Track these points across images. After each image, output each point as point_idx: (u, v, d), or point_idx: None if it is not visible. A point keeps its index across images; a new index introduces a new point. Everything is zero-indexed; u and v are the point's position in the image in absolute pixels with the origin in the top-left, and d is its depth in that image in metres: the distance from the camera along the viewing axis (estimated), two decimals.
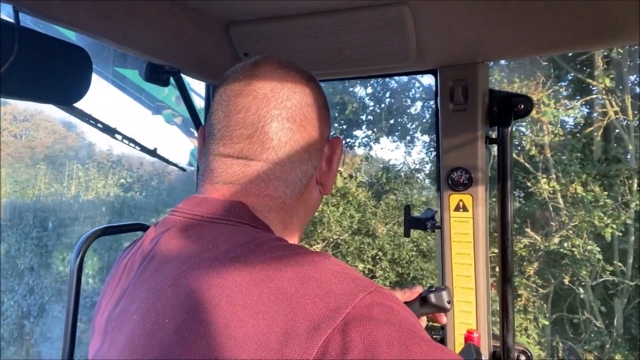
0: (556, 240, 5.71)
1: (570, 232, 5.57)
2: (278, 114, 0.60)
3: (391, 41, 1.06)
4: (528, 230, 5.93)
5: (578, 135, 5.84)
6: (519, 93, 1.20)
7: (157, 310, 0.47)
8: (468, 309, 1.22)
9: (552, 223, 5.82)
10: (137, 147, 1.54)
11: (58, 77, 0.91)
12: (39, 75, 0.86)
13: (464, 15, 0.99)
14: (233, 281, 0.46)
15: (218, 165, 0.61)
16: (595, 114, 5.68)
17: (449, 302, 0.97)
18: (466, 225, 1.22)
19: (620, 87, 5.78)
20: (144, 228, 1.24)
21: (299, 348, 0.40)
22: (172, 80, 1.17)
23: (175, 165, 2.05)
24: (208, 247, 0.51)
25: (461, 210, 1.22)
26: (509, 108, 1.17)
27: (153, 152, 1.64)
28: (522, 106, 1.17)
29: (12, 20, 0.71)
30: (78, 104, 1.02)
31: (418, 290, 0.99)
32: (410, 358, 0.41)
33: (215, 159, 0.62)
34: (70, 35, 1.63)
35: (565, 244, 5.58)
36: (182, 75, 1.20)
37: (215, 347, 0.42)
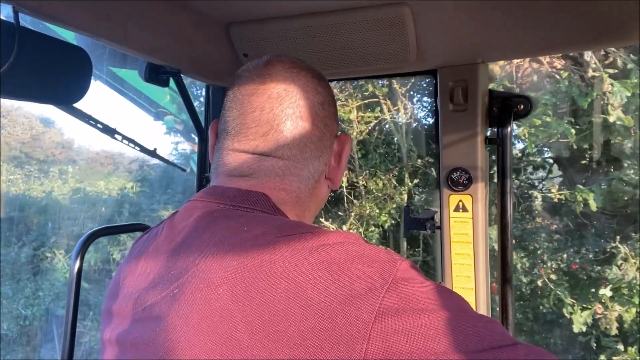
0: (344, 228, 6.16)
1: (355, 220, 6.11)
2: (292, 112, 0.62)
3: (391, 41, 1.06)
4: (323, 220, 6.38)
5: (375, 134, 6.30)
6: (520, 94, 1.20)
7: (207, 282, 0.49)
8: None
9: (339, 213, 6.33)
10: (136, 147, 1.54)
11: (58, 77, 0.91)
12: (39, 76, 0.86)
13: (464, 16, 0.99)
14: (282, 255, 0.48)
15: (233, 159, 0.63)
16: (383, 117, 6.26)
17: None
18: (466, 225, 1.22)
19: (411, 94, 6.34)
20: (144, 228, 1.24)
21: (361, 305, 0.44)
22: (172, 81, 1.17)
23: (175, 165, 2.07)
24: (243, 229, 0.52)
25: (461, 210, 1.22)
26: (509, 109, 1.16)
27: (153, 153, 1.63)
28: (522, 107, 1.17)
29: (12, 21, 0.71)
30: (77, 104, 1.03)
31: None
32: (453, 302, 0.46)
33: (229, 153, 0.64)
34: (70, 36, 1.63)
35: (353, 232, 5.88)
36: (182, 76, 1.20)
37: (278, 313, 0.44)
